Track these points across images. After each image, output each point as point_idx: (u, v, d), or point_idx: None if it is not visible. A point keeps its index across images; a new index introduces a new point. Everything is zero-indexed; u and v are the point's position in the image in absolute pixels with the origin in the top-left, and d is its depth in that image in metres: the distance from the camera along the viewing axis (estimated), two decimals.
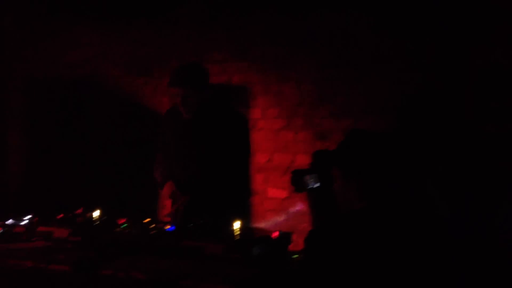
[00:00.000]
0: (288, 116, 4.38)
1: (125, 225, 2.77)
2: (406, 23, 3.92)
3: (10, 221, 2.83)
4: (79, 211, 2.99)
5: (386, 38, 4.00)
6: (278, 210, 4.39)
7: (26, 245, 2.72)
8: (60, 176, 4.86)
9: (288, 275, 2.25)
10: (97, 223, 2.81)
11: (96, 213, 2.87)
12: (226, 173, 3.02)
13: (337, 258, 1.74)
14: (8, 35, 5.09)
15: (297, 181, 2.25)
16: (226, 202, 2.95)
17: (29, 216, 2.88)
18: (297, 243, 2.71)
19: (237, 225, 2.58)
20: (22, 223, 2.85)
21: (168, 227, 2.72)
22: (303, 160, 4.32)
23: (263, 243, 2.46)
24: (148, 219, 2.85)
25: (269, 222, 4.33)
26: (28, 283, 2.51)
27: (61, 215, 2.94)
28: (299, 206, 4.29)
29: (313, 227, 2.13)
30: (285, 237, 2.59)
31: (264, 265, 2.36)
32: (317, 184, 2.18)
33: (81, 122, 5.00)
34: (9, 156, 5.08)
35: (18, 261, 2.53)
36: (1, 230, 2.77)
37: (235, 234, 2.55)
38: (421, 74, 3.91)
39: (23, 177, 5.07)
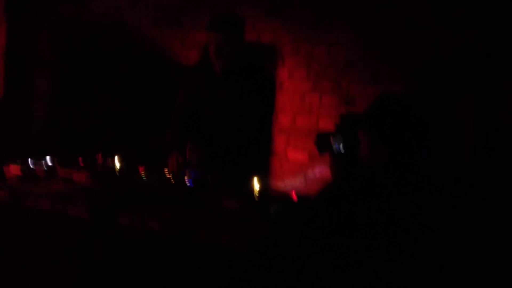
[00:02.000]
0: (315, 78, 4.30)
1: (144, 174, 2.76)
2: None
3: (30, 161, 2.83)
4: (99, 158, 2.99)
5: (425, 6, 3.87)
6: (296, 172, 4.36)
7: (45, 187, 2.73)
8: (83, 123, 4.88)
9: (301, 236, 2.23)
10: (116, 169, 2.81)
11: (116, 161, 2.87)
12: (252, 130, 2.97)
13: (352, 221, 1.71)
14: None
15: (322, 142, 2.21)
16: (248, 159, 2.90)
17: (50, 159, 2.89)
18: None
19: (256, 183, 2.55)
20: (43, 165, 2.85)
21: (187, 179, 2.70)
22: (326, 124, 4.26)
23: (282, 203, 2.43)
24: (166, 169, 2.84)
25: (287, 184, 4.31)
26: (45, 225, 2.53)
27: (81, 160, 2.94)
28: (319, 171, 4.25)
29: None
30: (304, 198, 2.56)
31: (281, 225, 2.33)
32: (341, 147, 2.14)
33: (106, 71, 4.98)
34: (34, 100, 5.10)
35: (36, 203, 2.55)
36: (21, 170, 2.78)
37: (254, 191, 2.52)
38: (455, 46, 3.80)
39: (47, 122, 5.11)
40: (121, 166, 2.84)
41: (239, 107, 2.97)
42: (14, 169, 2.78)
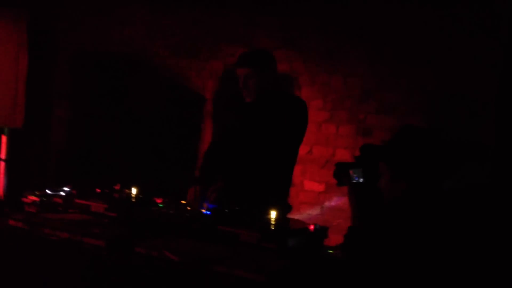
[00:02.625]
0: (332, 109, 4.30)
1: (162, 204, 2.76)
2: (467, 21, 3.79)
3: (48, 191, 2.85)
4: (117, 187, 2.99)
5: (444, 36, 3.87)
6: (313, 203, 4.32)
7: (63, 216, 2.74)
8: (100, 151, 4.91)
9: (324, 270, 2.19)
10: (133, 200, 2.80)
11: (133, 190, 2.87)
12: (274, 162, 2.98)
13: (380, 259, 1.68)
14: (60, 9, 5.14)
15: (341, 174, 2.19)
16: (268, 190, 2.90)
17: (67, 188, 2.90)
18: (331, 239, 2.65)
19: (273, 214, 2.53)
20: (60, 193, 2.86)
21: (204, 210, 2.69)
22: (343, 155, 4.24)
23: (299, 235, 2.41)
24: (184, 201, 2.84)
25: (303, 215, 4.27)
26: (62, 254, 2.53)
27: (99, 190, 2.95)
28: (335, 202, 4.22)
29: (354, 224, 2.07)
30: (322, 230, 2.53)
31: (299, 257, 2.30)
32: (361, 179, 2.12)
33: (124, 99, 5.03)
34: (53, 129, 5.15)
35: (54, 231, 2.55)
36: (40, 200, 2.79)
37: (271, 223, 2.50)
38: (476, 75, 3.78)
39: (64, 149, 5.14)
40: (138, 196, 2.84)
41: (262, 135, 3.00)
42: (32, 199, 2.79)
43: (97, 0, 5.09)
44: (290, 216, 3.02)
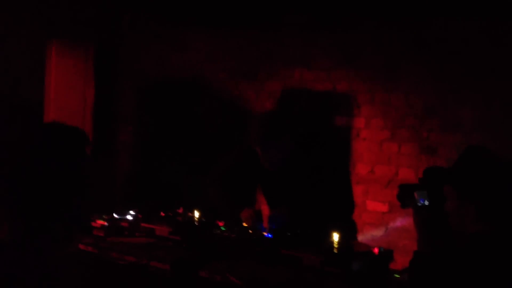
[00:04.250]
0: (393, 127, 4.22)
1: (224, 227, 2.78)
2: None
3: (116, 216, 2.94)
4: (180, 210, 3.05)
5: (507, 50, 3.74)
6: (377, 224, 4.24)
7: (129, 239, 2.81)
8: (165, 175, 5.01)
9: None
10: (196, 223, 2.85)
11: (195, 214, 2.91)
12: (330, 185, 2.95)
13: (447, 286, 1.62)
14: (125, 36, 5.34)
15: (405, 196, 2.13)
16: (328, 214, 2.87)
17: (133, 212, 2.97)
18: (397, 261, 2.59)
19: (336, 237, 2.50)
20: (127, 217, 2.94)
21: (266, 233, 2.69)
22: (406, 174, 4.14)
23: (364, 258, 2.36)
24: (245, 224, 2.85)
25: (367, 236, 4.18)
26: (130, 277, 2.59)
27: (163, 213, 3.02)
28: (400, 222, 4.11)
29: (420, 248, 2.01)
30: (387, 254, 2.48)
31: (364, 282, 2.26)
32: (427, 202, 2.06)
33: (186, 123, 5.13)
34: (119, 154, 5.32)
35: (122, 255, 2.62)
36: (107, 224, 2.88)
37: (334, 247, 2.46)
38: None
39: (130, 173, 5.29)
40: (201, 219, 2.87)
41: (314, 161, 2.98)
42: (100, 223, 2.88)
43: (158, 28, 5.25)
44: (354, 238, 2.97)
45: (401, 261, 2.55)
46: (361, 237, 4.18)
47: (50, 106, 4.13)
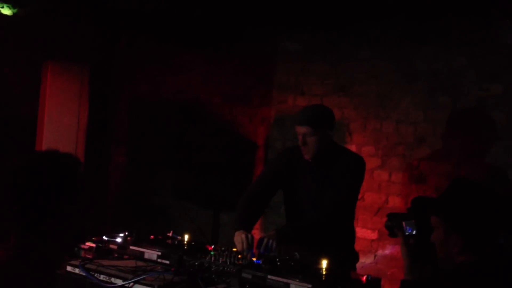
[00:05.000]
0: (384, 155, 4.26)
1: (213, 252, 2.77)
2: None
3: (105, 238, 2.93)
4: (169, 233, 3.04)
5: (494, 83, 3.81)
6: (366, 251, 4.24)
7: (117, 262, 2.80)
8: (155, 197, 5.01)
9: None
10: (185, 247, 2.84)
11: (185, 237, 2.91)
12: (337, 215, 2.99)
13: None
14: (121, 58, 5.38)
15: (393, 225, 2.15)
16: (335, 244, 2.92)
17: (123, 234, 2.97)
18: None
19: (325, 264, 2.50)
20: (116, 240, 2.93)
21: (255, 259, 2.69)
22: (396, 202, 4.17)
23: (351, 286, 2.36)
24: (235, 249, 2.85)
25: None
26: None
27: (152, 236, 3.01)
28: (389, 250, 4.12)
29: (406, 277, 2.02)
30: (374, 282, 2.48)
31: None
32: (414, 231, 2.08)
33: (179, 145, 5.15)
34: (110, 173, 5.32)
35: (109, 278, 2.60)
36: (96, 246, 2.87)
37: (322, 274, 2.47)
38: None
39: (122, 195, 5.29)
40: (190, 243, 2.87)
41: (323, 190, 3.01)
42: (89, 245, 2.87)
43: (154, 51, 5.30)
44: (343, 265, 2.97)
45: None
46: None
47: (44, 126, 4.14)
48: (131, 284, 2.54)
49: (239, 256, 2.73)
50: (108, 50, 5.32)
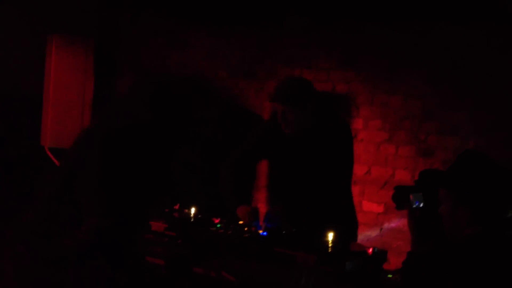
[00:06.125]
0: (391, 129, 4.24)
1: (220, 225, 2.79)
2: None
3: None
4: (176, 206, 3.05)
5: (507, 55, 3.76)
6: (372, 224, 4.25)
7: None
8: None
9: None
10: (192, 220, 2.85)
11: (192, 210, 2.92)
12: (329, 183, 2.95)
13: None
14: (125, 32, 5.34)
15: (400, 198, 2.15)
16: (328, 213, 2.88)
17: None
18: (390, 261, 2.60)
19: (331, 237, 2.51)
20: None
21: (261, 231, 2.70)
22: (403, 176, 4.16)
23: (357, 258, 2.37)
24: (242, 221, 2.86)
25: (362, 236, 4.20)
26: (124, 272, 2.59)
27: (159, 209, 3.02)
28: (395, 223, 4.13)
29: (413, 249, 2.03)
30: (380, 254, 2.49)
31: (358, 281, 2.27)
32: (421, 204, 2.07)
33: (182, 121, 5.13)
34: None
35: None
36: None
37: (328, 246, 2.48)
38: None
39: None
40: (196, 216, 2.88)
41: (315, 162, 2.97)
42: None
43: (158, 25, 5.26)
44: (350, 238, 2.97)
45: (394, 261, 2.57)
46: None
47: (49, 101, 4.13)
48: None
49: (245, 229, 2.74)
50: (113, 25, 5.28)
